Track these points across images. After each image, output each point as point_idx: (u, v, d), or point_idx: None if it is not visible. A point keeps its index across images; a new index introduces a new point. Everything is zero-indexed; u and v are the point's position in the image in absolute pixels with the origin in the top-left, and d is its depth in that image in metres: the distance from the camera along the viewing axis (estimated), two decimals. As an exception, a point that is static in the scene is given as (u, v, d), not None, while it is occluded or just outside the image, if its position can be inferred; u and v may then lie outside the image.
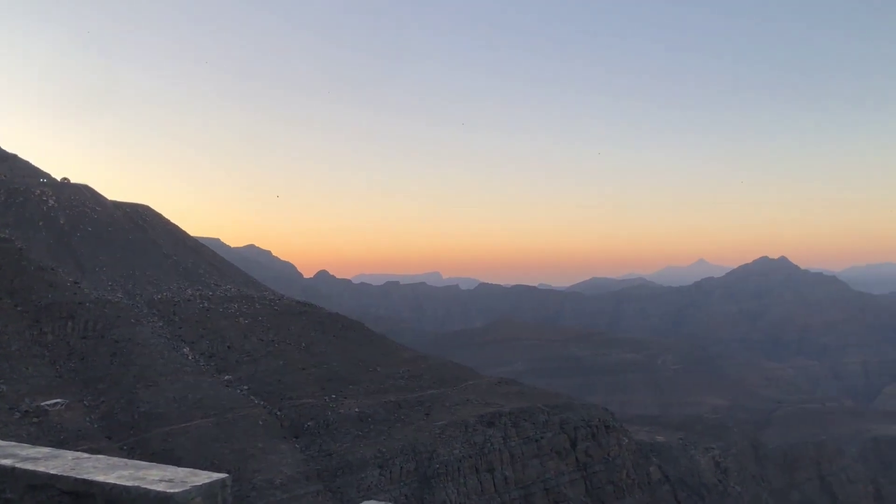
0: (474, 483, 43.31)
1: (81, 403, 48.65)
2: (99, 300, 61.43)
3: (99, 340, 55.72)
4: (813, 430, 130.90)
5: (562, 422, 52.06)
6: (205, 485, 4.18)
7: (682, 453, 71.18)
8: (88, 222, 79.47)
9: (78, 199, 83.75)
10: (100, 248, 75.52)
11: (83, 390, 50.11)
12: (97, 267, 71.25)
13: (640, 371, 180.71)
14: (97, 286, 65.91)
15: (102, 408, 48.47)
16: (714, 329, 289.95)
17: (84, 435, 44.08)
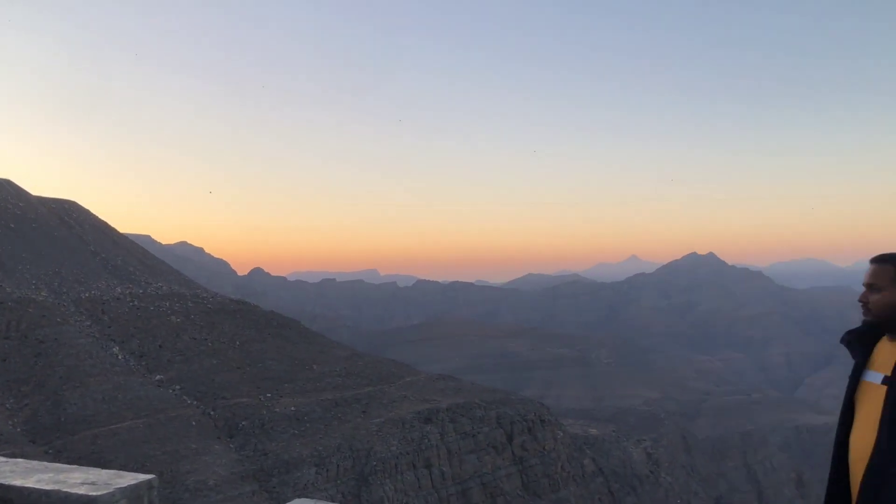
0: (412, 479, 43.41)
1: (3, 407, 46.83)
2: (22, 299, 59.20)
3: (22, 341, 53.72)
4: (739, 420, 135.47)
5: (498, 417, 52.56)
6: (129, 486, 4.04)
7: (615, 445, 72.69)
8: (10, 218, 76.44)
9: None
10: (22, 245, 72.73)
11: (5, 393, 48.25)
12: (20, 265, 68.61)
13: (575, 365, 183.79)
14: (20, 285, 63.49)
15: (26, 411, 46.77)
16: (645, 323, 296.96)
17: (6, 439, 42.45)
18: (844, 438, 4.16)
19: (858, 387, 4.16)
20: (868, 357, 4.21)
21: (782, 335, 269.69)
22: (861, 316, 4.28)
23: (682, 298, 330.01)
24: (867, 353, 4.20)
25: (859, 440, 4.04)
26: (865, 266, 4.36)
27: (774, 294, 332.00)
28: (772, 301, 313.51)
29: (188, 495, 37.23)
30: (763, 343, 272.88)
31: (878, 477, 3.82)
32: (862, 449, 3.98)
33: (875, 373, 4.09)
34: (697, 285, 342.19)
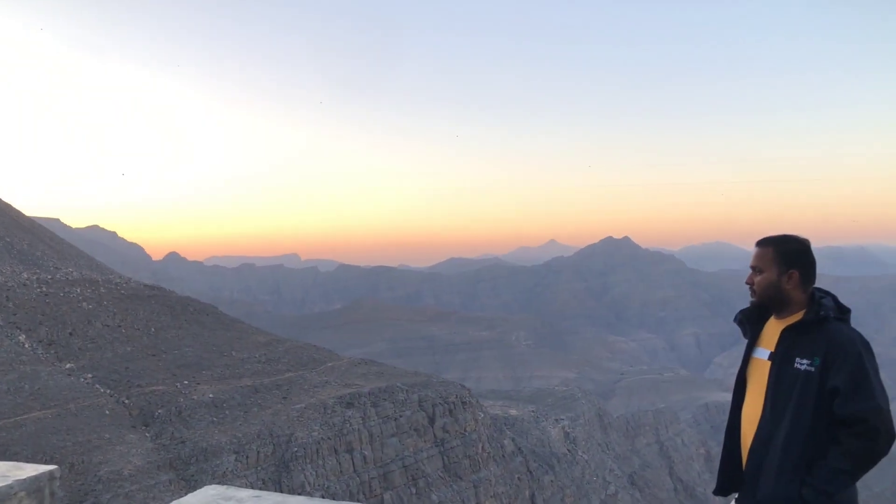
0: (333, 464, 43.34)
1: None
2: (-83, 286, 55.95)
3: (-82, 330, 50.90)
4: (652, 398, 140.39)
5: (420, 400, 52.92)
6: (29, 478, 3.84)
7: (533, 425, 74.21)
8: None
9: None
10: (-83, 229, 68.67)
11: None
12: (-86, 250, 64.79)
13: (495, 348, 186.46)
14: (-86, 271, 59.96)
15: (-77, 404, 44.42)
16: (563, 306, 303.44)
17: None
18: (737, 411, 4.49)
19: (749, 363, 4.50)
20: (758, 335, 4.52)
21: (692, 316, 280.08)
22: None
23: (599, 281, 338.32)
24: (757, 332, 4.52)
25: (749, 412, 4.35)
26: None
27: (685, 276, 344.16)
28: (683, 283, 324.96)
29: (101, 486, 36.21)
30: (674, 324, 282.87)
31: (763, 445, 4.15)
32: (751, 420, 4.31)
33: (763, 349, 4.41)
34: (613, 268, 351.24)
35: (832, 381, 3.95)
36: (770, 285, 4.32)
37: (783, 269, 4.30)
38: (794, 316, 4.32)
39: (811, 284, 4.36)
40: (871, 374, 3.93)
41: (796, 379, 4.07)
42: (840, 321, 4.19)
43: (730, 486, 4.47)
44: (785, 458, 4.04)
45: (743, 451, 4.35)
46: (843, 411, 3.92)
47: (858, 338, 4.08)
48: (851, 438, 3.90)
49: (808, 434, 4.02)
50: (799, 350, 4.13)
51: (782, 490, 4.01)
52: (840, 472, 3.91)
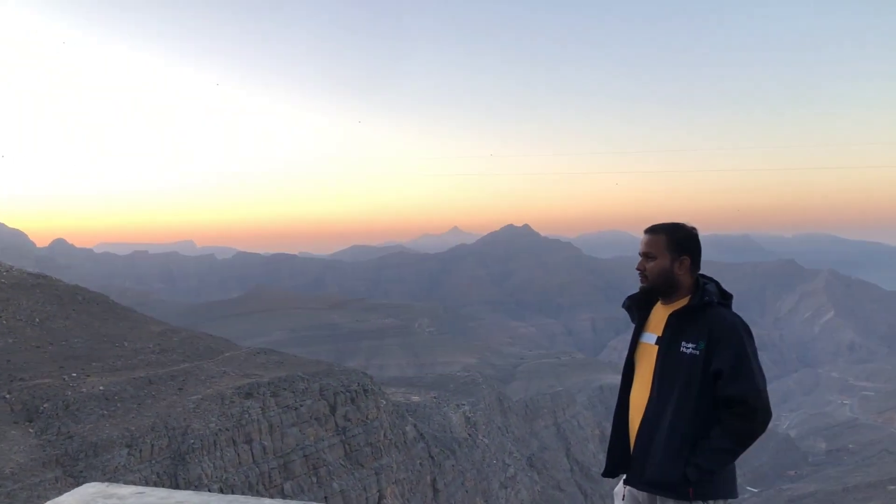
0: (231, 455, 42.48)
1: None
2: None
3: None
4: (550, 381, 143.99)
5: (321, 388, 52.48)
6: None
7: (435, 411, 74.90)
8: None
9: None
10: None
11: None
12: None
13: (398, 335, 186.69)
14: None
15: None
16: (465, 293, 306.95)
17: None
18: (625, 395, 4.58)
19: (637, 347, 4.58)
20: (645, 320, 4.61)
21: (588, 302, 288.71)
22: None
23: (500, 268, 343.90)
24: (644, 317, 4.62)
25: (637, 395, 4.45)
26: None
27: (582, 263, 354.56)
28: (579, 270, 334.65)
29: (-19, 486, 34.27)
30: (571, 309, 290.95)
31: (650, 427, 4.27)
32: (639, 403, 4.40)
33: (650, 334, 4.50)
34: (513, 255, 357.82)
35: (716, 364, 4.12)
36: (663, 271, 4.42)
37: (675, 256, 4.41)
38: (680, 301, 4.45)
39: (698, 270, 4.50)
40: (752, 357, 4.12)
41: (682, 362, 4.20)
42: (723, 306, 4.34)
43: (618, 468, 4.57)
44: (671, 439, 4.17)
45: (631, 434, 4.46)
46: (725, 393, 4.10)
47: (740, 322, 4.24)
48: (733, 418, 4.10)
49: (694, 415, 4.17)
50: (685, 334, 4.25)
51: (669, 470, 4.15)
52: (722, 450, 4.11)
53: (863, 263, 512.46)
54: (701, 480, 4.12)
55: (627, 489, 4.45)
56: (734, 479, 4.31)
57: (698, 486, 4.13)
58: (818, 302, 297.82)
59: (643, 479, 4.28)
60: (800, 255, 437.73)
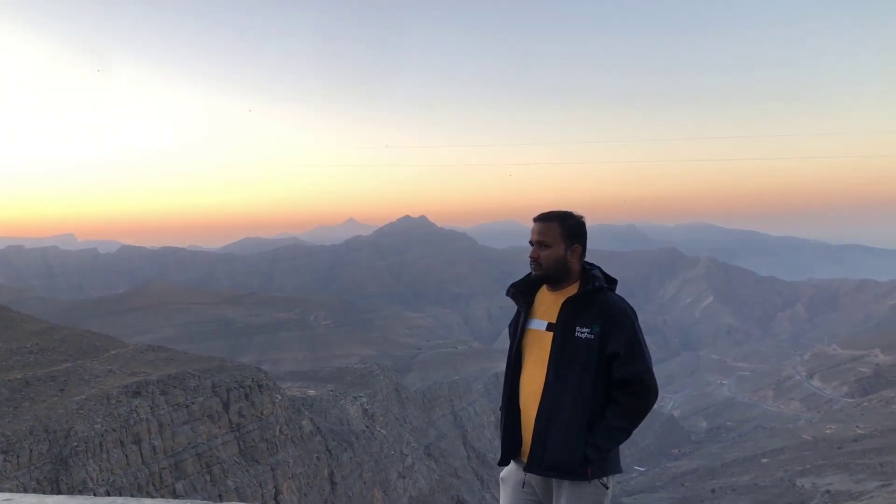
0: (119, 457, 40.93)
1: None
2: None
3: None
4: (447, 371, 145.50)
5: (214, 385, 51.26)
6: None
7: (332, 404, 74.47)
8: None
9: None
10: None
11: None
12: None
13: (293, 329, 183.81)
14: None
15: None
16: (362, 284, 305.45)
17: None
18: (515, 382, 4.56)
19: (525, 334, 4.56)
20: (531, 307, 4.61)
21: (484, 291, 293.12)
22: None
23: (397, 259, 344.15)
24: (530, 303, 4.62)
25: (530, 382, 4.43)
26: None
27: (478, 253, 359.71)
28: (475, 260, 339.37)
29: None
30: (468, 299, 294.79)
31: (550, 412, 4.29)
32: (533, 390, 4.39)
33: (539, 321, 4.48)
34: (410, 246, 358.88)
35: (611, 347, 4.24)
36: (558, 259, 4.45)
37: (569, 244, 4.46)
38: (570, 288, 4.49)
39: (585, 257, 4.59)
40: (641, 338, 4.31)
41: (578, 347, 4.27)
42: (610, 291, 4.46)
43: (513, 455, 4.59)
44: (571, 422, 4.24)
45: (525, 421, 4.45)
46: (621, 374, 4.25)
47: (628, 306, 4.39)
48: (627, 397, 4.26)
49: (591, 398, 4.27)
50: (579, 320, 4.31)
51: (570, 453, 4.23)
52: (619, 429, 4.25)
53: (739, 251, 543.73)
54: (598, 459, 4.23)
55: (526, 475, 4.48)
56: (619, 455, 4.45)
57: (596, 465, 4.25)
58: (699, 288, 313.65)
59: (543, 463, 4.31)
60: (682, 243, 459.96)
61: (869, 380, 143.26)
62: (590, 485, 4.29)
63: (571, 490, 4.31)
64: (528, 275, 4.68)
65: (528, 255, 4.65)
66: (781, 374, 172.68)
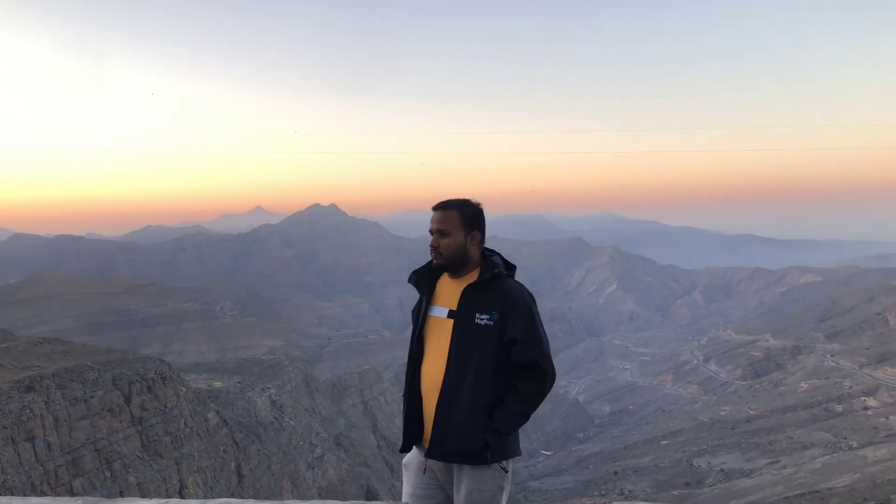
0: (10, 455, 39.15)
1: None
2: None
3: None
4: (358, 360, 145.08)
5: (114, 378, 49.58)
6: None
7: (239, 396, 73.26)
8: None
9: None
10: None
11: None
12: None
13: (199, 319, 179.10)
14: None
15: None
16: (270, 274, 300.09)
17: None
18: (416, 370, 4.62)
19: (426, 321, 4.60)
20: (432, 294, 4.62)
21: (396, 280, 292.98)
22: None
23: (306, 248, 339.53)
24: (431, 291, 4.66)
25: (432, 369, 4.46)
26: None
27: (389, 242, 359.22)
28: (387, 249, 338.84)
29: None
30: (379, 288, 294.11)
31: (450, 398, 4.31)
32: (434, 377, 4.41)
33: (440, 308, 4.49)
34: (320, 235, 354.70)
35: (510, 333, 4.28)
36: (458, 247, 4.46)
37: (468, 231, 4.47)
38: (470, 275, 4.49)
39: (484, 244, 4.60)
40: (539, 323, 4.37)
41: (478, 333, 4.30)
42: (509, 277, 4.49)
43: (414, 442, 4.62)
44: (472, 408, 4.27)
45: (426, 408, 4.47)
46: (520, 359, 4.29)
47: (527, 292, 4.43)
48: (526, 382, 4.31)
49: (491, 383, 4.31)
50: (478, 306, 4.33)
51: (471, 438, 4.26)
52: (518, 413, 4.30)
53: (641, 241, 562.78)
54: (497, 443, 4.29)
55: (427, 461, 4.49)
56: (518, 439, 4.52)
57: (495, 449, 4.30)
58: (603, 276, 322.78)
59: (444, 449, 4.33)
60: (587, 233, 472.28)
61: (760, 363, 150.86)
62: (490, 469, 4.35)
63: (472, 475, 4.36)
64: (430, 262, 4.70)
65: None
66: (680, 359, 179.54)
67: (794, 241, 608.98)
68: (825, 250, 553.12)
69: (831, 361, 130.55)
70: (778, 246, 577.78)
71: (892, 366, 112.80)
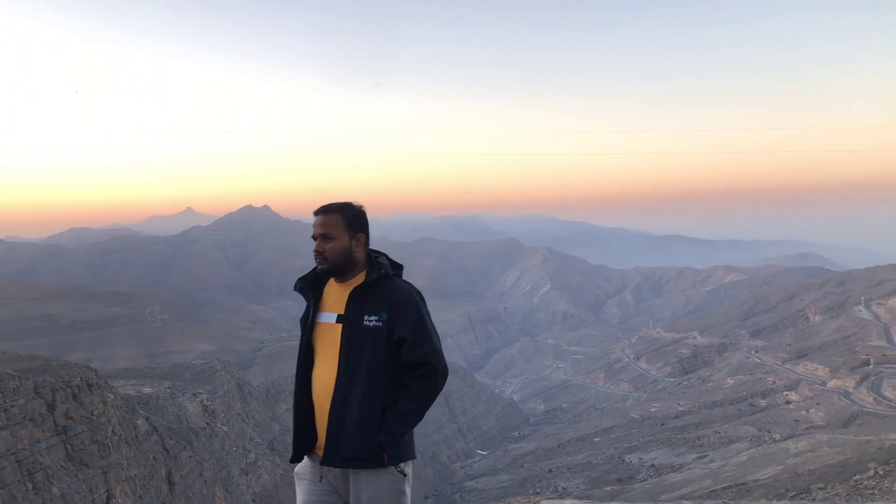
0: (-75, 469, 37.50)
1: None
2: None
3: None
4: (291, 364, 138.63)
5: (37, 386, 47.81)
6: None
7: (170, 402, 71.58)
8: None
9: None
10: None
11: None
12: None
13: (127, 324, 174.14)
14: None
15: None
16: (201, 277, 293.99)
17: None
18: (306, 377, 4.54)
19: (315, 328, 4.51)
20: (319, 300, 4.55)
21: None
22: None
23: (238, 251, 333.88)
24: (318, 297, 4.55)
25: (322, 375, 4.39)
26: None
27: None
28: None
29: None
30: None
31: (342, 403, 4.25)
32: (326, 383, 4.34)
33: (329, 313, 4.45)
34: (253, 237, 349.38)
35: (399, 333, 4.25)
36: (343, 251, 4.42)
37: (352, 234, 4.44)
38: (357, 277, 4.47)
39: (369, 246, 4.58)
40: (428, 321, 4.35)
41: (367, 335, 4.26)
42: (396, 277, 4.49)
43: (306, 451, 4.56)
44: (364, 411, 4.22)
45: (319, 415, 4.39)
46: (410, 357, 4.27)
47: (414, 290, 4.40)
48: (417, 380, 4.30)
49: (383, 385, 4.28)
50: (366, 308, 4.30)
51: (365, 441, 4.20)
52: (412, 412, 4.28)
53: (574, 241, 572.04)
54: (392, 445, 4.22)
55: (323, 469, 4.42)
56: (413, 441, 4.48)
57: (391, 451, 4.25)
58: (537, 276, 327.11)
59: (340, 455, 4.25)
60: (521, 234, 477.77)
61: (688, 360, 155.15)
62: (387, 472, 4.30)
63: (369, 479, 4.30)
64: (315, 268, 4.65)
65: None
66: (612, 357, 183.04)
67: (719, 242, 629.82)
68: (749, 250, 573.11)
69: (755, 357, 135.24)
70: (704, 246, 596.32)
71: (813, 361, 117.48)
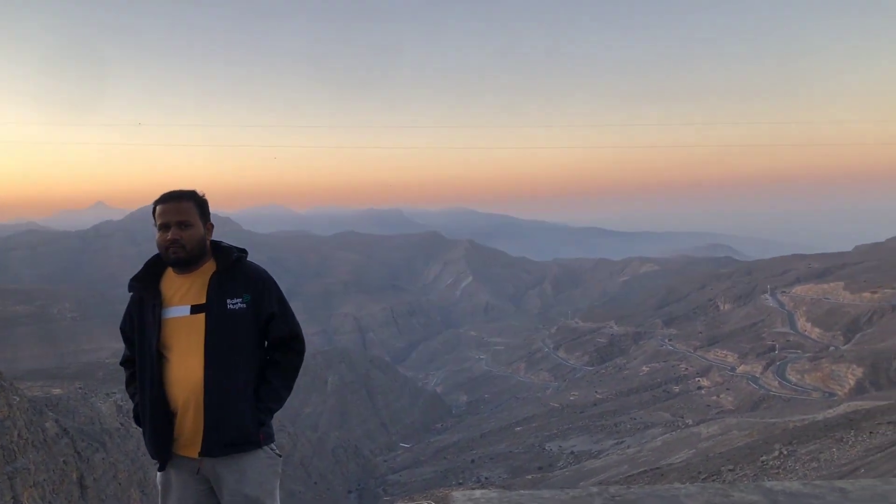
0: None
1: None
2: None
3: None
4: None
5: (-65, 390, 45.59)
6: None
7: (82, 403, 68.98)
8: None
9: None
10: None
11: None
12: None
13: (33, 323, 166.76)
14: None
15: None
16: (114, 273, 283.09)
17: None
18: (158, 380, 4.15)
19: (163, 325, 4.18)
20: (160, 297, 4.27)
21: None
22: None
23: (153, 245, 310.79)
24: (157, 293, 4.29)
25: (184, 370, 4.10)
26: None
27: (243, 238, 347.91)
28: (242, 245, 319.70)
29: None
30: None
31: (219, 392, 4.07)
32: (191, 377, 4.07)
33: (178, 307, 4.17)
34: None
35: (267, 309, 4.24)
36: (201, 239, 4.31)
37: (205, 221, 4.39)
38: (207, 265, 4.34)
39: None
40: (286, 298, 4.42)
41: (233, 319, 4.15)
42: (247, 259, 4.49)
43: (170, 454, 4.20)
44: (242, 394, 4.12)
45: (187, 413, 4.10)
46: (280, 332, 4.26)
47: (266, 270, 4.49)
48: (286, 355, 4.29)
49: (256, 365, 4.22)
50: (228, 292, 4.19)
51: (247, 424, 4.10)
52: (283, 387, 4.26)
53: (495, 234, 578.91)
54: (268, 424, 4.21)
55: (201, 462, 4.13)
56: (272, 424, 4.38)
57: (265, 430, 4.19)
58: (459, 269, 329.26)
59: (222, 441, 4.06)
60: (443, 227, 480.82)
61: (605, 349, 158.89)
62: (265, 454, 4.22)
63: (248, 464, 4.18)
64: (148, 265, 4.45)
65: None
66: (532, 347, 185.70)
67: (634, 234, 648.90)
68: (662, 241, 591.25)
69: (669, 346, 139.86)
70: (620, 238, 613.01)
71: (723, 348, 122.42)
